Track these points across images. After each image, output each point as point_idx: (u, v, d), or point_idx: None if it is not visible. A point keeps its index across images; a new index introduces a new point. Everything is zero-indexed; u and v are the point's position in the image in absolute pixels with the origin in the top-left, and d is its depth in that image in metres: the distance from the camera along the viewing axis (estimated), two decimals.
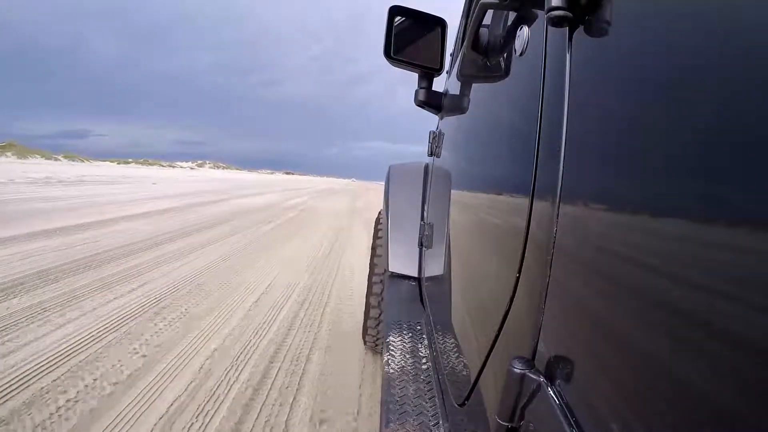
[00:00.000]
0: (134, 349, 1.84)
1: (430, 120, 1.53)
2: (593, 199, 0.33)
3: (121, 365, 1.68)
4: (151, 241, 4.00)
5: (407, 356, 0.96)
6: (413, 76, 1.12)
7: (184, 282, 2.83)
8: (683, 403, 0.22)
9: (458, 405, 0.64)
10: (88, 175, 15.93)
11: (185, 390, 1.55)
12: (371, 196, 16.01)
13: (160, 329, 2.05)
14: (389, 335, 1.07)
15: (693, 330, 0.22)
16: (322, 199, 12.69)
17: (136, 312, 2.23)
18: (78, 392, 1.47)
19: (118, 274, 2.87)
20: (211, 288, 2.76)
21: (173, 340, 1.96)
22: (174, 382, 1.60)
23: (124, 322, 2.09)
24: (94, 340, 1.88)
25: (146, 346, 1.87)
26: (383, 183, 1.79)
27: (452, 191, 1.00)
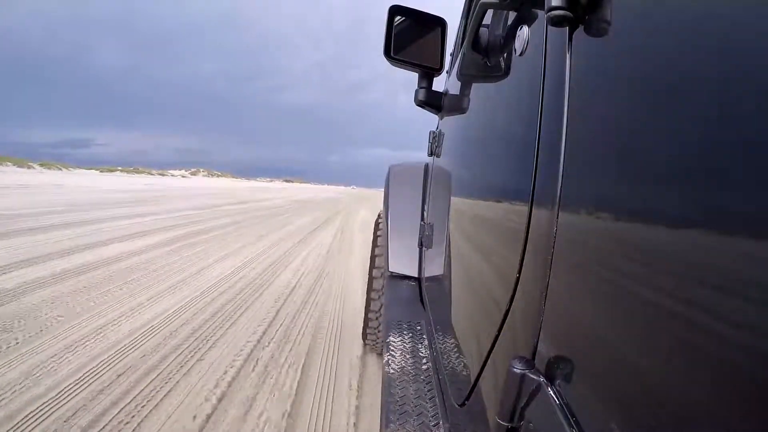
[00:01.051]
0: None
1: (431, 125, 1.53)
2: (593, 198, 0.33)
3: None
4: None
5: (407, 356, 0.96)
6: (416, 83, 1.12)
7: None
8: (683, 403, 0.22)
9: (458, 405, 0.64)
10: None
11: None
12: (363, 214, 9.79)
13: None
14: (389, 335, 1.07)
15: (692, 330, 0.21)
16: (238, 234, 5.53)
17: None
18: None
19: None
20: None
21: None
22: None
23: None
24: None
25: None
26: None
27: (452, 191, 1.00)
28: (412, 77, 1.11)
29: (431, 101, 1.13)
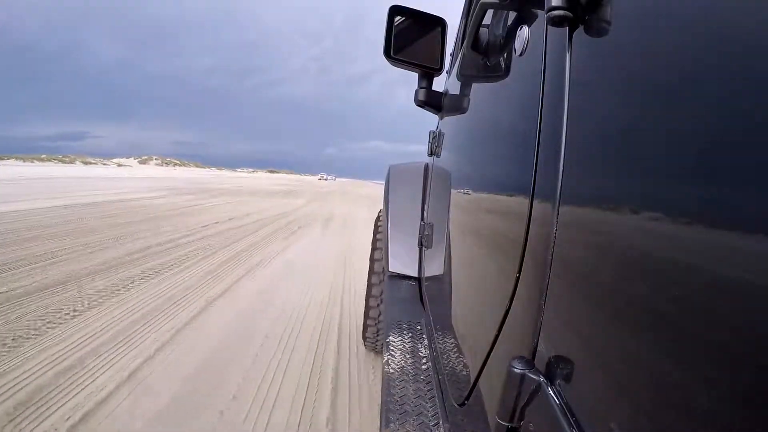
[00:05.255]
0: None
1: (428, 119, 1.53)
2: (593, 198, 0.33)
3: None
4: None
5: (407, 356, 0.96)
6: (413, 77, 1.12)
7: None
8: (683, 403, 0.22)
9: (458, 405, 0.64)
10: None
11: None
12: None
13: None
14: (389, 335, 1.07)
15: (692, 330, 0.22)
16: None
17: None
18: None
19: None
20: None
21: None
22: None
23: None
24: None
25: None
26: (375, 182, 1.79)
27: (452, 191, 1.00)
28: (409, 72, 1.11)
29: (431, 101, 1.13)
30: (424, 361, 0.95)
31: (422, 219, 1.52)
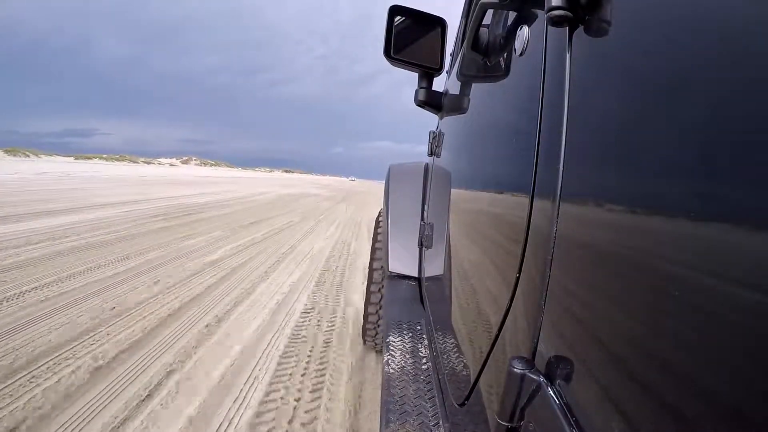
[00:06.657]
0: None
1: (433, 120, 1.53)
2: (593, 198, 0.33)
3: None
4: None
5: (407, 356, 0.96)
6: (417, 79, 1.12)
7: None
8: (683, 402, 0.22)
9: (458, 405, 0.64)
10: None
11: None
12: None
13: None
14: (389, 335, 1.07)
15: (692, 330, 0.22)
16: None
17: None
18: None
19: None
20: None
21: None
22: None
23: None
24: None
25: None
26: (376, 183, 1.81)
27: (452, 191, 1.00)
28: (414, 73, 1.11)
29: (431, 101, 1.13)
30: (424, 361, 0.95)
31: (422, 219, 1.52)
